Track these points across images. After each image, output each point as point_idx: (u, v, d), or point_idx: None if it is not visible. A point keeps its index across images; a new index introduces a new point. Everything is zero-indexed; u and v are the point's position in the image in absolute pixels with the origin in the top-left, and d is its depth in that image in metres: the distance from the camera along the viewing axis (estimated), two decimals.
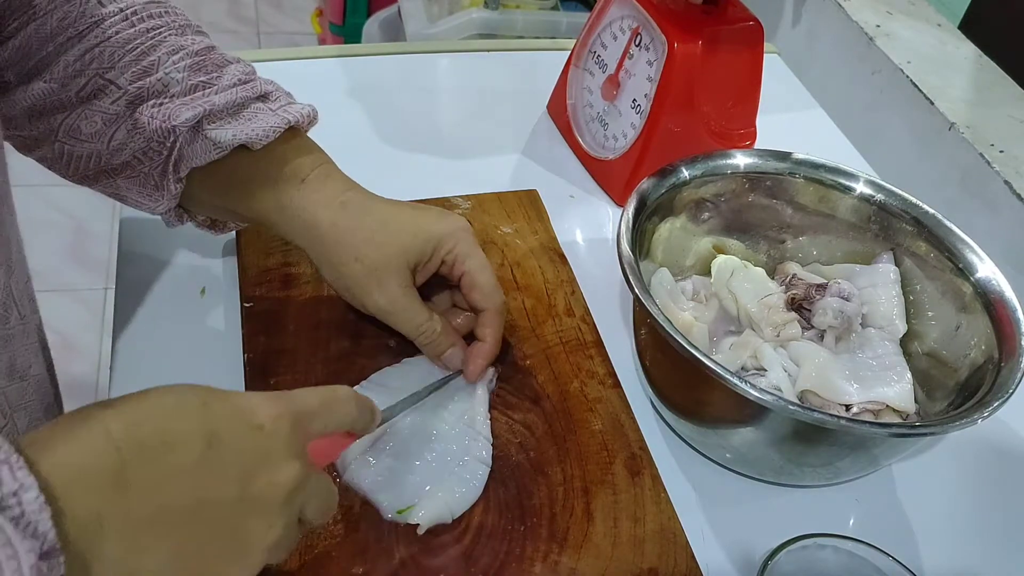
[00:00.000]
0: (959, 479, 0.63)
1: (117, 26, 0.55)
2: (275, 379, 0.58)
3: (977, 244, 0.61)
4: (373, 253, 0.56)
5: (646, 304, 0.53)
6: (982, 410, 0.51)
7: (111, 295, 0.65)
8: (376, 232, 0.56)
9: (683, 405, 0.59)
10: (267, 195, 0.57)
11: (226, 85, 0.56)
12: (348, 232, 0.56)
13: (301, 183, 0.57)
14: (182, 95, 0.55)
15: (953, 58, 0.95)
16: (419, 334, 0.57)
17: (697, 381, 0.54)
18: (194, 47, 0.56)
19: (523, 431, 0.57)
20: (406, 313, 0.57)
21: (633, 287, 0.55)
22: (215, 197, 0.58)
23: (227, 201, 0.58)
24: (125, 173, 0.57)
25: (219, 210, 0.60)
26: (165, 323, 0.63)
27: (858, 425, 0.51)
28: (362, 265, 0.56)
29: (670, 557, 0.52)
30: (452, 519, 0.52)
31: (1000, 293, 0.58)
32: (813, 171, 0.66)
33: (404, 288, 0.56)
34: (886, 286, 0.63)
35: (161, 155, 0.55)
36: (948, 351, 0.60)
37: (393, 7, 1.86)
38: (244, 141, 0.55)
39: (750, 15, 0.74)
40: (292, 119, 0.56)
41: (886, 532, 0.58)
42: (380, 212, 0.57)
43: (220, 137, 0.55)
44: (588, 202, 0.79)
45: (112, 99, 0.55)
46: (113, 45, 0.55)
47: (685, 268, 0.67)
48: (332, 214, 0.56)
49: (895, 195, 0.64)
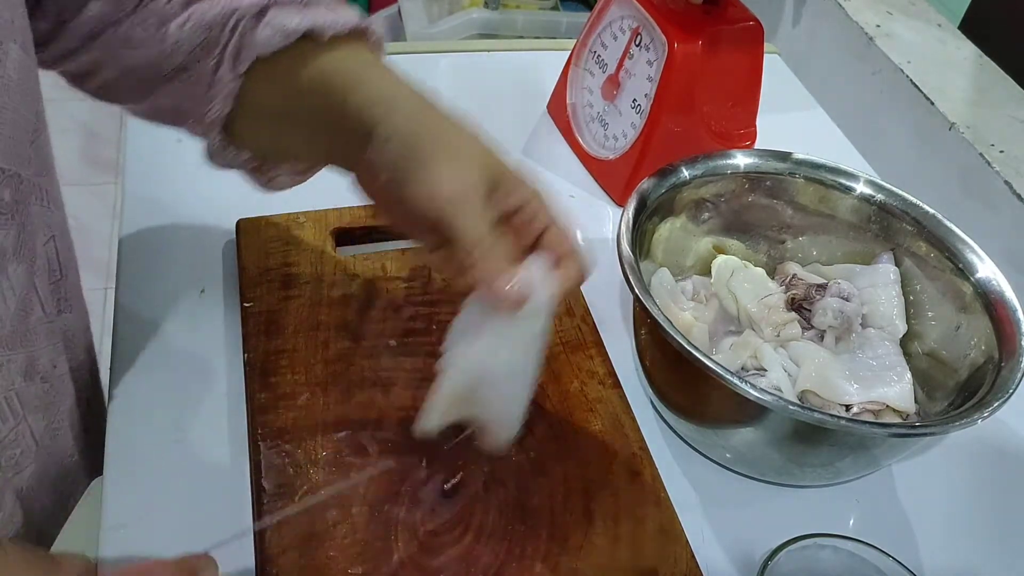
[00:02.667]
0: (959, 479, 0.63)
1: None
2: (275, 379, 0.58)
3: (977, 244, 0.61)
4: (465, 147, 0.48)
5: (646, 304, 0.53)
6: (982, 410, 0.51)
7: (111, 295, 0.65)
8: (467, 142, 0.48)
9: (683, 405, 0.59)
10: (352, 87, 0.49)
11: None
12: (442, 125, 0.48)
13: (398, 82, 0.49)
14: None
15: (953, 58, 0.95)
16: (479, 241, 0.46)
17: (697, 381, 0.54)
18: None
19: (523, 431, 0.57)
20: (473, 207, 0.46)
21: (633, 287, 0.55)
22: (281, 101, 0.51)
23: (296, 104, 0.51)
24: (180, 77, 0.51)
25: (278, 131, 0.53)
26: (165, 323, 0.63)
27: (858, 425, 0.51)
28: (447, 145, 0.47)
29: (670, 557, 0.52)
30: None
31: (1000, 293, 0.58)
32: (813, 171, 0.66)
33: (478, 187, 0.47)
34: (886, 286, 0.63)
35: (219, 44, 0.49)
36: (948, 351, 0.60)
37: (393, 7, 1.86)
38: (312, 26, 0.48)
39: (750, 15, 0.74)
40: (362, 21, 0.49)
41: (886, 532, 0.58)
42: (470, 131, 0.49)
43: (287, 21, 0.48)
44: (588, 202, 0.79)
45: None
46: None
47: (685, 268, 0.67)
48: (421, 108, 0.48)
49: (895, 195, 0.65)
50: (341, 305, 0.63)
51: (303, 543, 0.50)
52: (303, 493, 0.52)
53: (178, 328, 0.63)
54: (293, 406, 0.57)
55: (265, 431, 0.55)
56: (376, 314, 0.63)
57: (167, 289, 0.65)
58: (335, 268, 0.66)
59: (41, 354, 0.51)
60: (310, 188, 0.57)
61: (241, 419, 0.57)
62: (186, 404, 0.58)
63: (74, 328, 0.57)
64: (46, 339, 0.51)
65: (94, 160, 2.14)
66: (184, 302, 0.65)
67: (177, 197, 0.73)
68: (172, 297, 0.65)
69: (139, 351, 0.61)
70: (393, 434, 0.56)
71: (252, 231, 0.67)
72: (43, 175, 0.49)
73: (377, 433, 0.56)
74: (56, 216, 0.52)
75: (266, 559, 0.49)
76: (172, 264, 0.67)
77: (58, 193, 0.53)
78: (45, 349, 0.51)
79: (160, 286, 0.66)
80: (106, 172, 2.10)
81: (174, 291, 0.65)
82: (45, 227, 0.50)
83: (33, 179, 0.47)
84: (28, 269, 0.48)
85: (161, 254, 0.68)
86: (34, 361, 0.50)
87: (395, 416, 0.57)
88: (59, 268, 0.53)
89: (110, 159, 2.14)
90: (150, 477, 0.55)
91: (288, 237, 0.67)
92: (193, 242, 0.69)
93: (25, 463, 0.52)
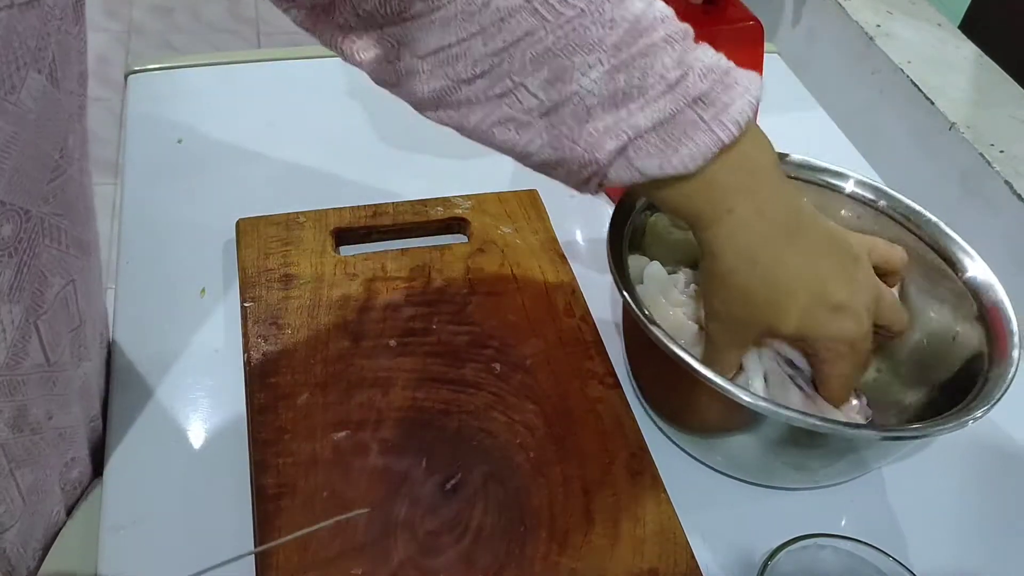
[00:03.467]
0: (957, 479, 0.63)
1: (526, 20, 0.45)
2: (275, 379, 0.58)
3: (977, 244, 0.61)
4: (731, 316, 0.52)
5: (628, 298, 0.53)
6: (973, 412, 0.51)
7: (111, 295, 0.65)
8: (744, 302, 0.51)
9: (671, 407, 0.58)
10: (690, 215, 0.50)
11: (653, 95, 0.46)
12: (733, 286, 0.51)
13: (728, 213, 0.49)
14: (601, 108, 0.46)
15: (953, 58, 0.95)
16: None
17: (684, 381, 0.53)
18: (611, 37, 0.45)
19: (523, 431, 0.57)
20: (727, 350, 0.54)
21: (620, 287, 0.55)
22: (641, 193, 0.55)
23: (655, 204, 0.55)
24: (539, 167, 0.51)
25: None
26: (165, 323, 0.63)
27: (847, 429, 0.51)
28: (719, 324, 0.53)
29: (670, 557, 0.52)
30: None
31: (993, 294, 0.58)
32: (809, 173, 0.66)
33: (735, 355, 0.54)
34: None
35: (581, 174, 0.48)
36: (941, 351, 0.60)
37: None
38: (671, 173, 0.47)
39: (750, 15, 0.74)
40: (725, 137, 0.46)
41: (886, 532, 0.58)
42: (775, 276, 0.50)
43: (646, 168, 0.47)
44: (588, 202, 0.79)
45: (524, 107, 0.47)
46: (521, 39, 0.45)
47: (678, 261, 0.67)
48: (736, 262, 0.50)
49: (887, 195, 0.64)
50: (341, 305, 0.63)
51: (303, 543, 0.50)
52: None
53: (178, 328, 0.63)
54: (293, 406, 0.57)
55: (265, 431, 0.55)
56: (376, 314, 0.63)
57: (167, 289, 0.65)
58: (335, 268, 0.66)
59: (33, 404, 0.47)
60: (310, 188, 0.57)
61: (241, 419, 0.57)
62: (186, 404, 0.58)
63: (89, 378, 0.55)
64: (39, 388, 0.47)
65: (94, 160, 2.12)
66: (184, 302, 0.65)
67: (177, 197, 0.73)
68: (172, 297, 0.65)
69: (139, 351, 0.61)
70: (393, 434, 0.56)
71: (252, 231, 0.67)
72: (64, 217, 0.46)
73: (377, 433, 0.56)
74: (78, 262, 0.49)
75: (266, 559, 0.49)
76: (172, 264, 0.67)
77: (90, 238, 0.51)
78: (39, 399, 0.48)
79: (160, 286, 0.66)
80: (106, 172, 2.10)
81: (174, 291, 0.65)
82: (61, 271, 0.47)
83: (47, 219, 0.44)
84: (27, 313, 0.44)
85: (161, 254, 0.68)
86: (24, 411, 0.47)
87: (395, 416, 0.57)
88: (78, 315, 0.50)
89: (110, 159, 2.14)
90: (150, 477, 0.55)
91: (288, 237, 0.67)
92: (193, 242, 0.69)
93: (9, 523, 0.49)
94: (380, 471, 0.54)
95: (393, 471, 0.54)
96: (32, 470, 0.49)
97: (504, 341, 0.63)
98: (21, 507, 0.50)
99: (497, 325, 0.63)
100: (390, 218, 0.70)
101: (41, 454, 0.50)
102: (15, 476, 0.48)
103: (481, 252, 0.69)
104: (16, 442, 0.47)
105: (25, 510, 0.50)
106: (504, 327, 0.63)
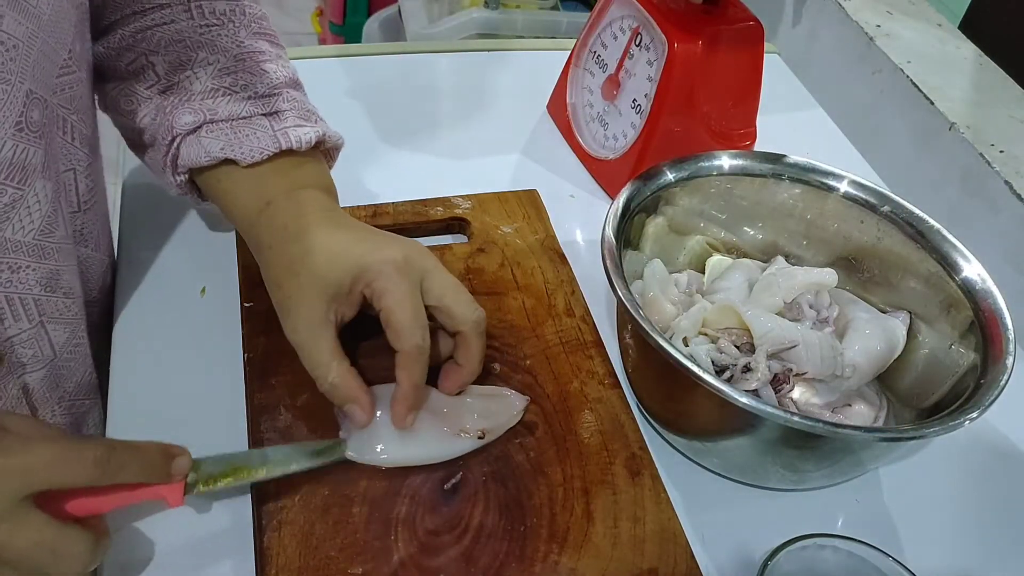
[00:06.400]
0: (956, 479, 0.63)
1: (178, 14, 0.59)
2: (275, 379, 0.58)
3: (977, 244, 0.61)
4: (289, 282, 0.53)
5: (620, 294, 0.53)
6: (968, 413, 0.50)
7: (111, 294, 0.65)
8: (295, 261, 0.53)
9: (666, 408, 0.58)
10: (240, 210, 0.58)
11: (242, 96, 0.58)
12: (276, 257, 0.55)
13: (267, 205, 0.57)
14: (200, 96, 0.58)
15: (953, 58, 0.95)
16: (315, 377, 0.53)
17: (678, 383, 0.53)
18: (238, 49, 0.59)
19: (523, 431, 0.57)
20: (305, 350, 0.53)
21: (614, 285, 0.55)
22: (210, 195, 0.61)
23: (217, 204, 0.61)
24: (148, 152, 0.61)
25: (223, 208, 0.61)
26: (165, 323, 0.63)
27: (844, 430, 0.51)
28: (280, 292, 0.54)
29: (670, 557, 0.52)
30: None
31: (988, 295, 0.58)
32: (803, 173, 0.66)
33: (310, 322, 0.53)
34: None
35: (165, 149, 0.58)
36: (939, 351, 0.60)
37: (393, 7, 1.86)
38: (231, 156, 0.57)
39: (750, 15, 0.74)
40: (286, 144, 0.57)
41: (886, 532, 0.58)
42: (313, 240, 0.53)
43: (211, 147, 0.57)
44: (588, 202, 0.79)
45: (148, 84, 0.59)
46: (165, 32, 0.58)
47: (677, 264, 0.67)
48: (272, 238, 0.55)
49: (882, 195, 0.64)
50: None
51: (303, 543, 0.50)
52: None
53: (178, 328, 0.63)
54: (293, 406, 0.57)
55: (265, 431, 0.55)
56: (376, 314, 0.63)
57: (167, 289, 0.65)
58: None
59: (64, 271, 0.54)
60: None
61: (241, 419, 0.57)
62: (186, 404, 0.58)
63: (90, 263, 0.60)
64: (68, 259, 0.54)
65: None
66: (184, 302, 0.65)
67: (177, 197, 0.73)
68: (172, 297, 0.65)
69: (139, 351, 0.61)
70: None
71: None
72: (72, 112, 0.53)
73: None
74: (79, 154, 0.56)
75: (266, 559, 0.49)
76: (172, 264, 0.67)
77: (92, 136, 0.58)
78: (68, 268, 0.54)
79: (160, 286, 0.66)
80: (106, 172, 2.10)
81: (174, 291, 0.65)
82: (65, 158, 0.54)
83: (58, 110, 0.51)
84: (55, 190, 0.51)
85: (161, 254, 0.68)
86: (57, 275, 0.53)
87: None
88: (77, 202, 0.57)
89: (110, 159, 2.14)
90: None
91: None
92: (193, 242, 0.69)
93: (35, 365, 0.55)
94: (380, 470, 0.54)
95: (393, 470, 0.54)
96: (65, 329, 0.55)
97: (504, 341, 0.63)
98: (51, 357, 0.56)
99: (497, 325, 0.63)
100: (390, 218, 0.71)
101: (74, 318, 0.56)
102: (46, 328, 0.54)
103: (481, 252, 0.69)
104: (48, 301, 0.53)
105: (55, 361, 0.56)
106: (504, 327, 0.64)
